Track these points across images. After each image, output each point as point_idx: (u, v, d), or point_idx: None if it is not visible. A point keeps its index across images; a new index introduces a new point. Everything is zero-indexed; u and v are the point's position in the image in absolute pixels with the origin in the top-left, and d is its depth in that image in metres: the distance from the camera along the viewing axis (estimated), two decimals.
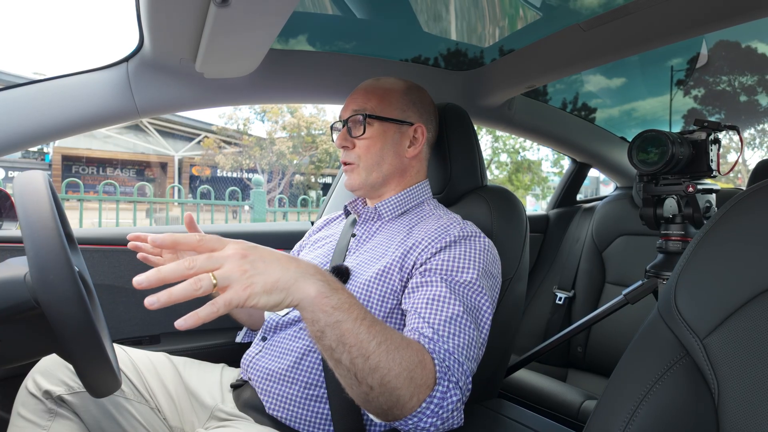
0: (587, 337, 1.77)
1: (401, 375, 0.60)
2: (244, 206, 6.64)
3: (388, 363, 0.59)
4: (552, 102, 1.89)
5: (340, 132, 1.01)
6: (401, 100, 1.01)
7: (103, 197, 4.85)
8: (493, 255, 0.89)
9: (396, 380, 0.60)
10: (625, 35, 1.19)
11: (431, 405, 0.63)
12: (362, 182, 1.00)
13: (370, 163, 0.99)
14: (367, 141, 0.98)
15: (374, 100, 0.99)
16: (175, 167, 15.04)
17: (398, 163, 1.01)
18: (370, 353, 0.58)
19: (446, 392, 0.64)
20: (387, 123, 0.99)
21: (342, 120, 1.02)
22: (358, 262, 0.93)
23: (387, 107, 0.99)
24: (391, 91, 1.01)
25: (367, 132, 0.98)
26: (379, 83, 1.03)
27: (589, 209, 2.09)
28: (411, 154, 1.02)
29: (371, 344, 0.58)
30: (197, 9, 0.88)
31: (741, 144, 1.27)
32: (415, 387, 0.61)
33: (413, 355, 0.62)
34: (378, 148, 0.98)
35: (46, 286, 0.54)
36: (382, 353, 0.59)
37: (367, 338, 0.58)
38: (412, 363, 0.61)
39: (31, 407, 0.86)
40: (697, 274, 0.51)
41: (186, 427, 0.94)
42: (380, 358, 0.58)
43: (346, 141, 0.99)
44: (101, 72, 1.12)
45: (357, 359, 0.58)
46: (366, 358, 0.58)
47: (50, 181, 0.66)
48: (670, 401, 0.49)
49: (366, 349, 0.58)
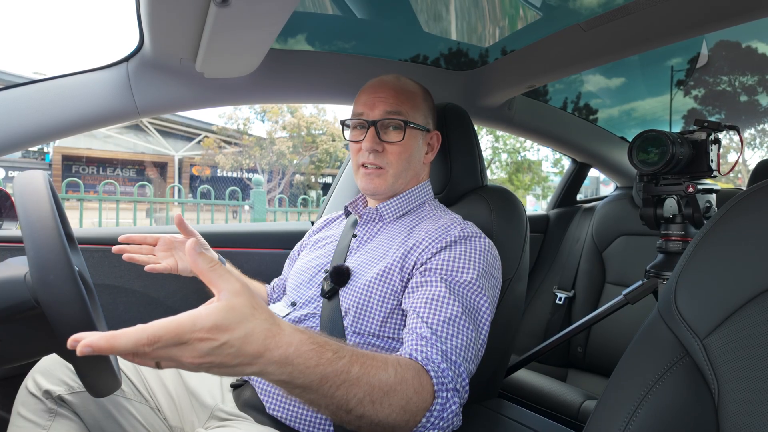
0: (587, 337, 1.77)
1: (392, 414, 0.58)
2: (244, 206, 6.64)
3: (374, 410, 0.57)
4: (552, 102, 1.89)
5: (369, 133, 0.95)
6: (423, 105, 1.00)
7: (103, 197, 4.85)
8: (493, 255, 0.89)
9: (387, 419, 0.58)
10: (626, 35, 1.19)
11: (431, 418, 0.63)
12: (388, 188, 0.97)
13: (399, 170, 0.96)
14: (400, 147, 0.95)
15: (407, 105, 0.96)
16: (175, 167, 15.04)
17: (418, 170, 1.01)
18: (351, 407, 0.56)
19: (446, 403, 0.64)
20: (417, 130, 0.97)
21: (369, 120, 0.95)
22: (359, 262, 0.93)
23: (416, 113, 0.97)
24: (416, 95, 0.99)
25: (405, 138, 0.95)
26: (403, 85, 0.99)
27: (589, 209, 2.09)
28: (428, 160, 1.02)
29: (351, 402, 0.55)
30: (197, 9, 0.88)
31: (741, 144, 1.27)
32: (411, 415, 0.61)
33: (408, 389, 0.60)
34: (408, 155, 0.97)
35: (46, 285, 0.54)
36: (367, 405, 0.56)
37: (346, 398, 0.55)
38: (406, 398, 0.60)
39: (32, 407, 0.86)
40: (697, 274, 0.51)
41: (186, 427, 0.94)
42: (364, 409, 0.56)
43: (377, 144, 0.94)
44: (101, 72, 1.12)
45: (337, 413, 0.56)
46: (348, 411, 0.56)
47: (50, 181, 0.66)
48: (670, 401, 0.49)
49: (346, 405, 0.55)
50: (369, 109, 0.96)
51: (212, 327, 0.45)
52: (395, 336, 0.85)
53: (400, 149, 0.95)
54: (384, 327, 0.85)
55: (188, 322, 0.44)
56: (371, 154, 0.95)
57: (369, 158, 0.96)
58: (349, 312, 0.87)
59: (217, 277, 0.49)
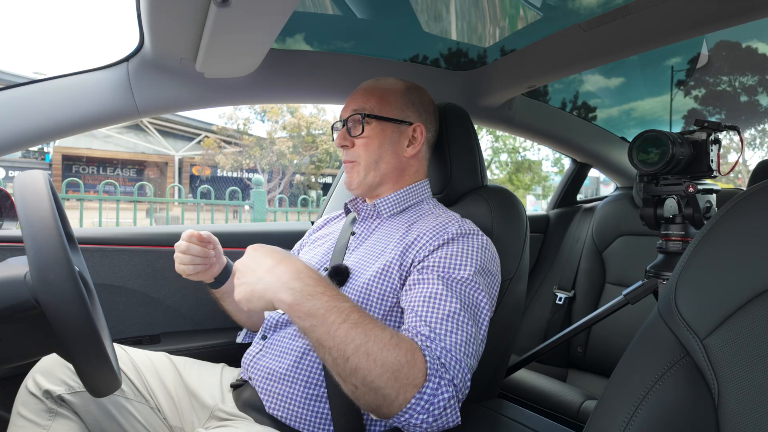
0: (587, 337, 1.77)
1: (383, 375, 0.61)
2: (244, 206, 6.65)
3: (368, 364, 0.61)
4: (552, 102, 1.89)
5: (341, 131, 1.02)
6: (400, 99, 1.01)
7: (104, 197, 4.85)
8: (491, 253, 0.89)
9: (378, 380, 0.61)
10: (626, 35, 1.19)
11: (421, 402, 0.63)
12: (360, 180, 1.00)
13: (368, 162, 0.99)
14: (365, 140, 0.99)
15: (373, 100, 1.00)
16: (175, 167, 15.04)
17: (396, 163, 1.01)
18: (348, 355, 0.61)
19: (437, 389, 0.64)
20: (385, 122, 0.99)
21: (342, 120, 1.03)
22: (357, 260, 0.93)
23: (386, 107, 1.00)
24: (390, 90, 1.02)
25: (366, 131, 0.98)
26: (378, 83, 1.03)
27: (590, 209, 2.09)
28: (410, 153, 1.02)
29: (349, 347, 0.61)
30: (197, 9, 0.88)
31: (741, 144, 1.27)
32: (401, 386, 0.62)
33: (400, 354, 0.63)
34: (376, 147, 0.99)
35: (46, 285, 0.54)
36: (362, 355, 0.61)
37: (345, 341, 0.61)
38: (398, 363, 0.62)
39: (32, 407, 0.86)
40: (698, 274, 0.51)
41: (186, 427, 0.94)
42: (359, 359, 0.61)
43: (345, 140, 1.01)
44: (101, 72, 1.12)
45: (337, 359, 0.62)
46: (345, 359, 0.61)
47: (50, 181, 0.66)
48: (670, 401, 0.49)
49: (344, 351, 0.61)
50: (343, 111, 1.04)
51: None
52: None
53: (365, 141, 0.99)
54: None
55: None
56: (343, 150, 1.02)
57: (342, 155, 1.03)
58: None
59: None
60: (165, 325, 1.37)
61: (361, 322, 0.63)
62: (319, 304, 0.63)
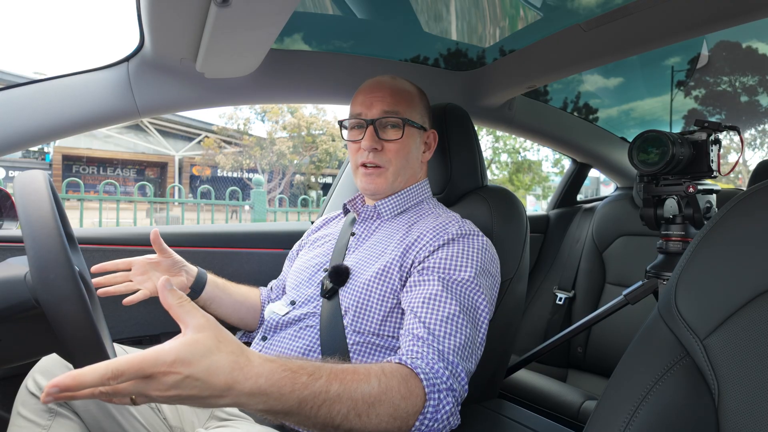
0: (587, 337, 1.77)
1: (381, 423, 0.59)
2: (244, 206, 6.65)
3: (361, 423, 0.58)
4: (552, 102, 1.89)
5: (368, 132, 0.95)
6: (420, 104, 1.01)
7: (104, 197, 4.85)
8: (491, 254, 0.89)
9: (377, 429, 0.59)
10: (626, 36, 1.19)
11: (425, 420, 0.63)
12: (388, 186, 0.98)
13: (398, 168, 0.97)
14: (398, 145, 0.96)
15: (403, 103, 0.97)
16: (175, 167, 15.05)
17: (416, 168, 1.02)
18: (338, 423, 0.57)
19: (438, 404, 0.64)
20: (414, 128, 0.98)
21: (367, 119, 0.96)
22: (357, 260, 0.93)
23: (413, 112, 0.98)
24: (412, 95, 1.00)
25: (404, 136, 0.96)
26: (399, 84, 1.00)
27: (590, 209, 2.09)
28: (425, 159, 1.02)
29: (336, 419, 0.57)
30: (198, 9, 0.88)
31: (741, 144, 1.27)
32: (402, 420, 0.61)
33: (393, 395, 0.61)
34: (406, 153, 0.97)
35: (46, 285, 0.54)
36: (353, 419, 0.57)
37: (330, 415, 0.56)
38: (392, 406, 0.60)
39: (32, 407, 0.86)
40: (698, 274, 0.51)
41: (186, 427, 0.94)
42: (352, 423, 0.57)
43: (376, 143, 0.95)
44: (102, 72, 1.12)
45: (327, 428, 0.57)
46: (335, 427, 0.57)
47: (51, 181, 0.66)
48: (670, 402, 0.49)
49: (332, 422, 0.57)
50: (367, 109, 0.96)
51: (174, 361, 0.45)
52: (395, 334, 0.85)
53: (398, 147, 0.96)
54: (384, 325, 0.86)
55: (151, 357, 0.45)
56: (371, 153, 0.95)
57: (369, 157, 0.96)
58: (349, 311, 0.87)
59: (184, 313, 0.50)
60: (165, 325, 1.37)
61: (345, 392, 0.57)
62: (291, 403, 0.53)
